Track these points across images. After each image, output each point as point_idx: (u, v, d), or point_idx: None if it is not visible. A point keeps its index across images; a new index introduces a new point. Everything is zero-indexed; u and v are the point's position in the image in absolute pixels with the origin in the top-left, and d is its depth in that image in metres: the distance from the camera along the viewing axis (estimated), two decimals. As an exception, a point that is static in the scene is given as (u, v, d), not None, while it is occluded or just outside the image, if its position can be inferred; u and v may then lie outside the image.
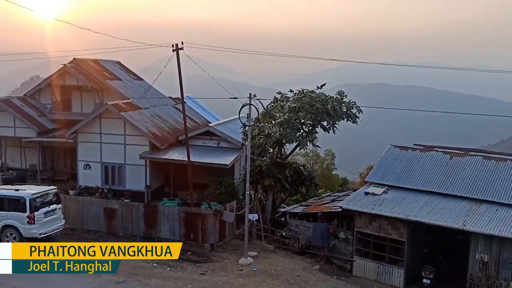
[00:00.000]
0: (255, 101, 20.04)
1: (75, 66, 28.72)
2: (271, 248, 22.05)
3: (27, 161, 29.37)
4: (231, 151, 25.12)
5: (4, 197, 18.65)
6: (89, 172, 25.96)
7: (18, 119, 27.13)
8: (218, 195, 23.55)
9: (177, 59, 21.36)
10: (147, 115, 27.22)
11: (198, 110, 35.18)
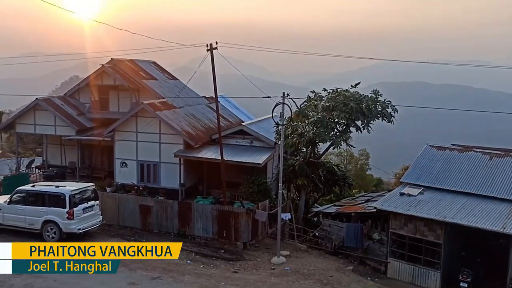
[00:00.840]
0: (288, 100, 20.02)
1: (113, 66, 29.37)
2: (303, 248, 21.97)
3: (66, 159, 30.29)
4: (264, 150, 25.16)
5: (45, 193, 19.27)
6: (125, 170, 26.55)
7: (59, 118, 27.96)
8: (251, 194, 23.64)
9: (211, 58, 21.56)
10: (182, 114, 27.60)
11: (232, 109, 35.40)
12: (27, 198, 19.37)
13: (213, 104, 30.99)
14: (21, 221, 19.20)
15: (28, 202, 19.26)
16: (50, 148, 30.80)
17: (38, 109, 28.35)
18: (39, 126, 28.74)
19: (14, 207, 19.30)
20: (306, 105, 25.94)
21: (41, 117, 28.43)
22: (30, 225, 19.03)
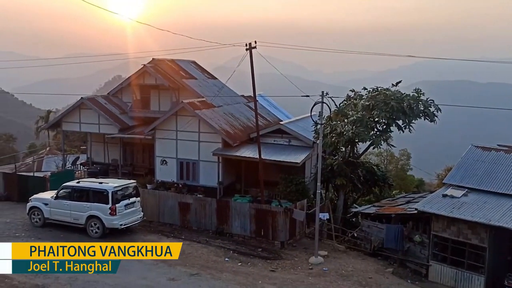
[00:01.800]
0: (327, 99, 19.83)
1: (154, 66, 29.99)
2: (342, 248, 21.74)
3: (109, 156, 31.20)
4: (302, 149, 25.05)
5: (89, 189, 19.89)
6: (165, 168, 27.06)
7: (102, 117, 28.81)
8: (289, 193, 23.58)
9: (250, 58, 21.65)
10: (220, 113, 27.86)
11: (270, 108, 35.43)
12: (72, 194, 20.03)
13: (251, 103, 31.12)
14: (66, 216, 19.88)
15: (73, 197, 19.91)
16: (94, 146, 31.83)
17: (83, 108, 29.32)
18: (84, 124, 29.74)
19: (60, 202, 20.02)
20: (345, 104, 25.64)
21: (86, 116, 29.39)
22: (75, 220, 19.69)
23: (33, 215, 20.50)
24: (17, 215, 21.78)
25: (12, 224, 20.43)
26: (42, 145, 50.83)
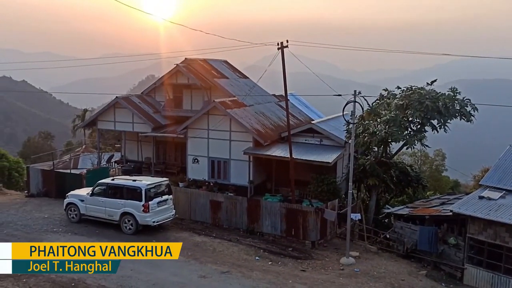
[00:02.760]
0: (359, 98, 19.57)
1: (186, 65, 30.33)
2: (374, 250, 21.44)
3: (143, 154, 31.75)
4: (334, 149, 24.84)
5: (124, 186, 20.29)
6: (197, 166, 27.34)
7: (136, 115, 29.34)
8: (320, 193, 23.44)
9: (282, 57, 21.60)
10: (251, 112, 27.94)
11: (301, 107, 35.29)
12: (107, 190, 20.48)
13: (282, 102, 31.05)
14: (101, 212, 20.36)
15: (108, 194, 20.36)
16: (128, 144, 32.47)
17: (118, 107, 29.94)
18: (118, 123, 30.36)
19: (95, 199, 20.52)
20: (378, 104, 25.28)
21: (120, 115, 30.01)
22: (109, 216, 20.14)
23: (69, 211, 21.09)
24: (55, 211, 22.46)
25: (50, 220, 21.09)
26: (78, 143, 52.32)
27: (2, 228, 19.35)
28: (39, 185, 27.23)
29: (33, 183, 27.60)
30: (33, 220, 20.86)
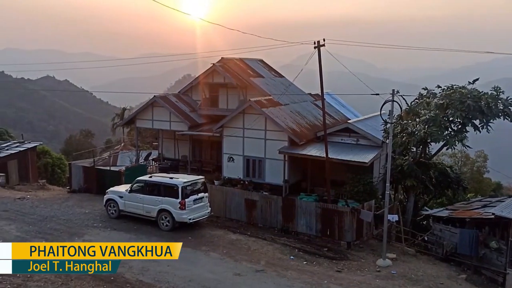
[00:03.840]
0: (398, 97, 19.18)
1: (223, 64, 30.59)
2: (411, 252, 20.99)
3: (179, 152, 32.27)
4: (371, 148, 24.48)
5: (161, 184, 20.63)
6: (232, 165, 27.54)
7: (173, 114, 29.84)
8: (356, 193, 23.14)
9: (319, 56, 21.45)
10: (287, 111, 27.89)
11: (337, 106, 34.98)
12: (145, 188, 20.87)
13: (318, 101, 30.88)
14: (139, 209, 20.78)
15: (146, 191, 20.73)
16: (165, 142, 33.07)
17: (156, 106, 30.53)
18: (156, 121, 30.96)
19: (134, 195, 20.96)
20: (417, 103, 24.72)
21: (158, 113, 30.59)
22: (147, 212, 20.54)
23: (109, 207, 21.64)
24: (95, 207, 23.11)
25: (91, 215, 21.71)
26: (117, 141, 53.68)
27: (46, 222, 20.06)
28: (80, 181, 28.08)
29: (75, 179, 28.51)
30: (75, 215, 21.52)
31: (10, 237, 17.52)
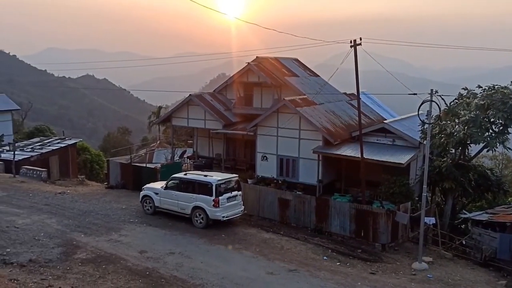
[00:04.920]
0: (436, 97, 18.70)
1: (257, 64, 30.63)
2: (448, 256, 20.44)
3: (213, 151, 32.56)
4: (407, 149, 23.99)
5: (195, 181, 20.86)
6: (265, 164, 27.57)
7: (208, 113, 30.11)
8: (391, 195, 22.73)
9: (355, 55, 21.19)
10: (321, 111, 27.68)
11: (373, 106, 34.46)
12: (180, 185, 21.15)
13: (353, 101, 30.54)
14: (174, 206, 21.08)
15: (180, 188, 21.01)
16: (200, 140, 33.44)
17: (191, 105, 30.90)
18: (191, 120, 31.34)
19: (169, 192, 21.29)
20: (457, 103, 24.03)
21: (193, 112, 30.95)
22: (181, 209, 20.83)
23: (145, 203, 22.07)
24: (131, 202, 23.63)
25: (127, 211, 22.21)
26: (153, 138, 54.68)
27: (85, 216, 20.67)
28: (117, 177, 28.76)
29: (112, 175, 29.23)
30: (112, 210, 22.07)
31: (51, 230, 18.17)
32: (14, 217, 19.33)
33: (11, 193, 23.96)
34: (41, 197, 23.81)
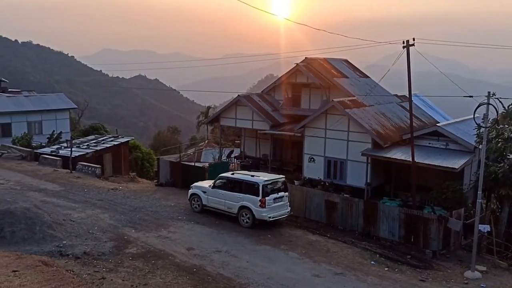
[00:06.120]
0: (494, 100, 17.90)
1: (306, 64, 30.49)
2: (504, 265, 19.51)
3: (260, 151, 32.72)
4: (461, 154, 23.10)
5: (242, 181, 21.00)
6: (313, 165, 27.38)
7: (256, 113, 30.27)
8: (444, 200, 21.96)
9: (407, 56, 20.67)
10: (371, 113, 27.17)
11: (425, 108, 33.47)
12: (227, 184, 21.36)
13: (405, 103, 29.79)
14: (221, 204, 21.33)
15: (228, 188, 21.22)
16: (247, 141, 33.70)
17: (240, 105, 31.18)
18: (239, 120, 31.62)
19: (216, 191, 21.57)
20: (516, 106, 22.87)
21: (241, 112, 31.22)
22: (228, 208, 21.06)
23: (193, 201, 22.47)
24: (180, 200, 24.14)
25: (176, 208, 22.71)
26: (201, 138, 55.63)
27: (135, 212, 21.32)
28: (167, 175, 29.45)
29: (162, 173, 29.96)
30: (161, 208, 22.64)
31: (104, 224, 18.88)
32: (70, 211, 20.23)
33: (68, 188, 25.09)
34: (95, 192, 24.78)
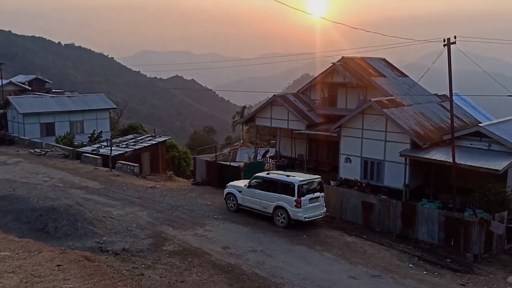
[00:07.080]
0: (541, 99, 17.22)
1: (343, 64, 30.14)
2: (550, 272, 18.69)
3: (296, 151, 32.60)
4: (505, 155, 22.29)
5: (278, 181, 20.94)
6: (349, 165, 27.07)
7: (291, 113, 30.19)
8: (486, 203, 21.24)
9: (448, 54, 20.15)
10: (410, 112, 26.60)
11: (467, 108, 32.49)
12: (262, 184, 21.34)
13: (445, 102, 29.04)
14: (256, 204, 21.35)
15: (263, 187, 21.20)
16: (282, 141, 33.64)
17: (275, 105, 31.18)
18: (274, 120, 31.62)
19: (251, 191, 21.61)
20: None
21: (276, 112, 31.21)
22: (263, 208, 21.06)
23: (228, 201, 22.62)
24: (215, 199, 24.36)
25: (211, 207, 22.94)
26: (236, 137, 56.01)
27: (172, 210, 21.67)
28: (203, 174, 29.80)
29: (198, 172, 30.35)
30: (197, 206, 22.91)
31: (142, 222, 19.29)
32: (110, 208, 20.79)
33: (108, 186, 25.77)
34: (133, 190, 25.35)
